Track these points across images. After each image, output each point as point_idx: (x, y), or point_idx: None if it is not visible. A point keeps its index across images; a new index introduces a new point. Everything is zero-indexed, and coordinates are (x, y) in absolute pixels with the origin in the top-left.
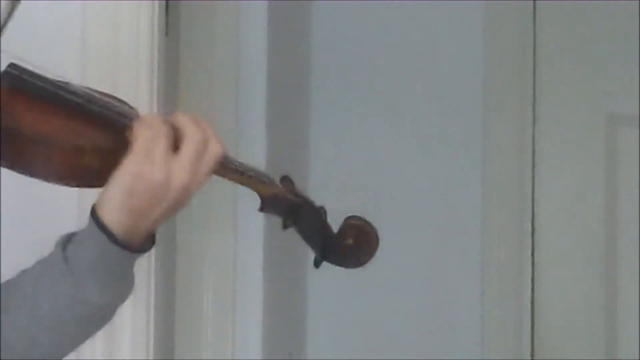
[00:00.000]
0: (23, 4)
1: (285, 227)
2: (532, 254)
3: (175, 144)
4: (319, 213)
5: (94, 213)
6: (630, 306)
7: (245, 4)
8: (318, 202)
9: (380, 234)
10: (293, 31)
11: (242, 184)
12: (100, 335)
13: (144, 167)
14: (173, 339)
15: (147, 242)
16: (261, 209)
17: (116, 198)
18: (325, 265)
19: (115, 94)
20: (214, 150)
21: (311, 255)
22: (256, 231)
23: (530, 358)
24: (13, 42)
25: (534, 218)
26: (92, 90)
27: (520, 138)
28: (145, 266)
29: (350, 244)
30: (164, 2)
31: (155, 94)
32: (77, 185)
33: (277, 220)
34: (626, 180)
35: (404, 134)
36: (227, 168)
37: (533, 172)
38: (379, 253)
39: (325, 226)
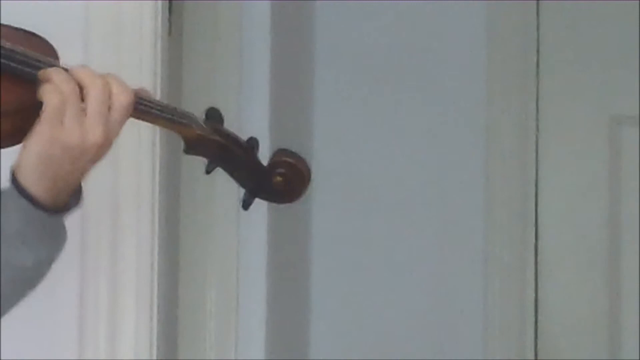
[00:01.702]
0: (26, 4)
1: (208, 171)
2: (535, 254)
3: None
4: (247, 152)
5: (14, 179)
6: (633, 306)
7: (248, 4)
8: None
9: (383, 234)
10: (296, 31)
11: (163, 127)
12: (103, 335)
13: (56, 131)
14: (176, 339)
15: (73, 199)
16: (186, 151)
17: (33, 163)
18: (328, 264)
19: None
20: (121, 100)
21: (314, 251)
22: (259, 231)
23: (533, 358)
24: None
25: (537, 218)
26: None
27: (523, 138)
28: (148, 265)
29: (279, 181)
30: (167, 1)
31: (159, 93)
32: None
33: (280, 221)
34: (629, 180)
35: (407, 133)
36: (142, 112)
37: (536, 172)
38: (382, 254)
39: (254, 164)
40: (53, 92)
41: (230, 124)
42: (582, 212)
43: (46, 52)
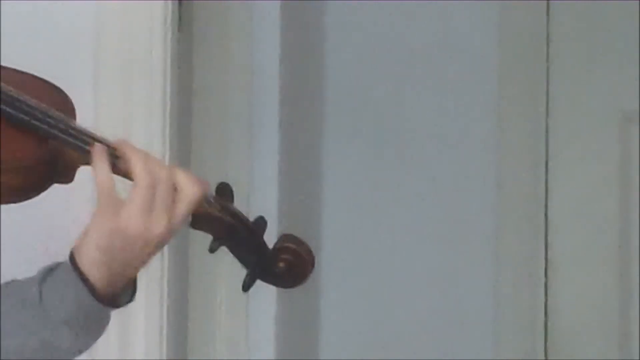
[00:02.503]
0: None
1: (211, 250)
2: (546, 253)
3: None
4: (254, 234)
5: (74, 263)
6: None
7: (259, 2)
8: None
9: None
10: (306, 29)
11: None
12: (113, 335)
13: (119, 222)
14: (186, 339)
15: (127, 292)
16: (191, 225)
17: (94, 253)
18: (338, 264)
19: (128, 93)
20: (189, 193)
21: (324, 250)
22: (269, 230)
23: (544, 357)
24: (28, 39)
25: (548, 217)
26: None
27: (534, 136)
28: (158, 266)
29: (282, 267)
30: (177, 1)
31: (169, 92)
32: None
33: (290, 220)
34: (639, 178)
35: (417, 132)
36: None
37: (546, 170)
38: (392, 253)
39: (259, 247)
40: (103, 169)
41: (240, 123)
42: (592, 211)
43: (66, 107)
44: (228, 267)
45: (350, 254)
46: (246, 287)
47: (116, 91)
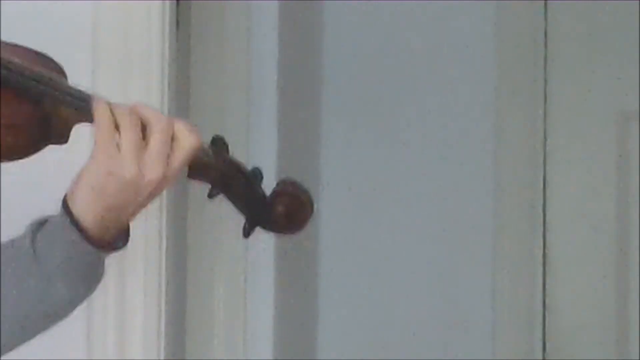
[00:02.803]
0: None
1: (210, 196)
2: (544, 252)
3: (143, 136)
4: (250, 181)
5: (66, 209)
6: None
7: (257, 2)
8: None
9: (390, 232)
10: (304, 28)
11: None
12: (111, 335)
13: (114, 164)
14: (184, 339)
15: (120, 238)
16: (188, 175)
17: (87, 196)
18: (336, 264)
19: (126, 91)
20: (185, 143)
21: (322, 251)
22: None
23: (542, 357)
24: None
25: (546, 216)
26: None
27: (531, 136)
28: (156, 265)
29: (281, 211)
30: (174, 0)
31: (166, 91)
32: None
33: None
34: (638, 177)
35: (416, 132)
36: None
37: (544, 169)
38: (390, 253)
39: (256, 194)
40: (107, 118)
41: (238, 122)
42: (590, 211)
43: (58, 72)
44: (226, 267)
45: (348, 253)
46: (246, 233)
47: (114, 90)
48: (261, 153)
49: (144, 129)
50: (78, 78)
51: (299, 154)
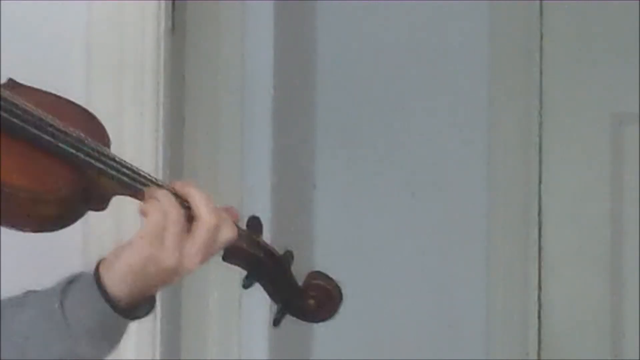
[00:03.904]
0: (28, 3)
1: (245, 286)
2: (539, 253)
3: (187, 220)
4: (283, 267)
5: (99, 280)
6: (636, 306)
7: (251, 3)
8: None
9: (385, 233)
10: (299, 30)
11: None
12: None
13: (156, 251)
14: (179, 339)
15: (146, 306)
16: (223, 258)
17: (123, 274)
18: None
19: (120, 94)
20: (226, 236)
21: (316, 251)
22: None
23: (537, 358)
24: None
25: (540, 216)
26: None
27: (526, 137)
28: None
29: (311, 304)
30: (169, 0)
31: (161, 93)
32: (33, 232)
33: (283, 221)
34: (632, 179)
35: (409, 133)
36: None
37: (539, 170)
38: (384, 254)
39: (288, 281)
40: (158, 210)
41: (232, 124)
42: (585, 212)
43: (100, 134)
44: (220, 270)
45: (342, 256)
46: (277, 322)
47: (108, 92)
48: (255, 154)
49: (189, 216)
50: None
51: (293, 155)
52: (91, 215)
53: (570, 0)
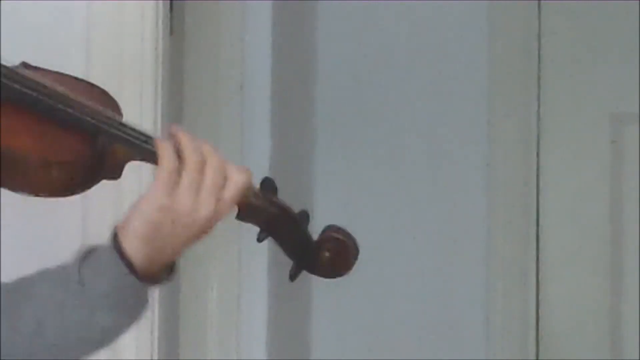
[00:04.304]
0: (28, 4)
1: (259, 240)
2: (537, 254)
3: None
4: (298, 224)
5: (116, 241)
6: (635, 305)
7: (250, 3)
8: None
9: (383, 234)
10: (298, 31)
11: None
12: None
13: (170, 199)
14: (178, 339)
15: (166, 272)
16: (237, 217)
17: (140, 230)
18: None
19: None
20: (237, 180)
21: None
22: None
23: (535, 358)
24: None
25: (539, 217)
26: (54, 76)
27: (525, 137)
28: None
29: (327, 257)
30: (168, 2)
31: (160, 94)
32: (47, 197)
33: None
34: (631, 179)
35: (408, 133)
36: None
37: (538, 171)
38: (384, 254)
39: (303, 237)
40: (172, 156)
41: (231, 125)
42: (583, 212)
43: (113, 108)
44: (219, 268)
45: None
46: (292, 277)
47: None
48: (255, 154)
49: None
50: None
51: (293, 155)
52: (90, 205)
53: (569, 0)
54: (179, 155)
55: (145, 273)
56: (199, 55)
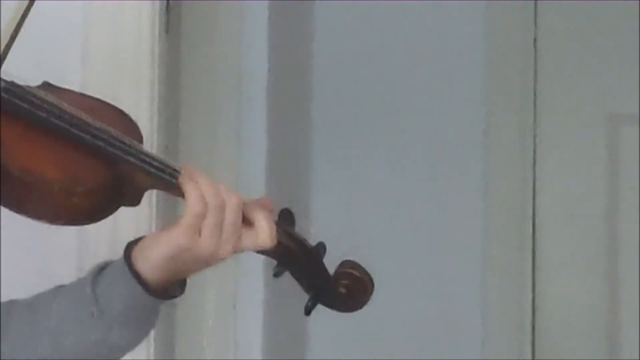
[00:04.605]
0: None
1: (276, 275)
2: (533, 254)
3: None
4: (315, 258)
5: (129, 261)
6: (632, 305)
7: (247, 3)
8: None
9: (380, 234)
10: (295, 31)
11: None
12: None
13: (192, 240)
14: (174, 339)
15: (178, 288)
16: (257, 251)
17: (159, 260)
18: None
19: (116, 94)
20: (264, 239)
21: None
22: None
23: (531, 358)
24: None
25: (535, 218)
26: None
27: (521, 138)
28: None
29: (342, 292)
30: (164, 1)
31: (157, 93)
32: (65, 224)
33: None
34: (627, 179)
35: (405, 133)
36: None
37: (534, 172)
38: (380, 255)
39: (320, 272)
40: (200, 200)
41: (228, 125)
42: (580, 211)
43: (134, 132)
44: (216, 275)
45: (337, 254)
46: (308, 311)
47: (104, 93)
48: (251, 155)
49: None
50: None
51: (289, 155)
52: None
53: (565, 1)
54: (204, 196)
55: (159, 290)
56: (196, 55)
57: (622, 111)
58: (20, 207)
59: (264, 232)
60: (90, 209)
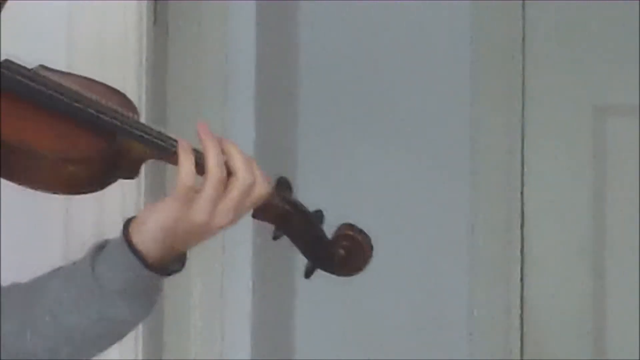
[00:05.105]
0: None
1: (274, 238)
2: (521, 249)
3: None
4: (313, 222)
5: (127, 236)
6: (619, 303)
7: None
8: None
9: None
10: (281, 27)
11: None
12: None
13: (188, 212)
14: (161, 338)
15: (178, 262)
16: (252, 215)
17: (154, 231)
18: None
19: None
20: (259, 192)
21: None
22: (245, 226)
23: (519, 357)
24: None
25: (523, 212)
26: (80, 80)
27: (508, 131)
28: None
29: (341, 255)
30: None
31: (144, 83)
32: (64, 194)
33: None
34: (615, 171)
35: (391, 129)
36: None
37: (522, 164)
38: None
39: (318, 236)
40: (190, 173)
41: (215, 117)
42: (568, 205)
43: (130, 108)
44: (203, 266)
45: None
46: (307, 274)
47: None
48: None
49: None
50: None
51: (276, 149)
52: (73, 206)
53: None
54: (201, 163)
55: (157, 265)
56: (183, 50)
57: (608, 103)
58: (19, 177)
59: (262, 184)
60: (86, 178)
